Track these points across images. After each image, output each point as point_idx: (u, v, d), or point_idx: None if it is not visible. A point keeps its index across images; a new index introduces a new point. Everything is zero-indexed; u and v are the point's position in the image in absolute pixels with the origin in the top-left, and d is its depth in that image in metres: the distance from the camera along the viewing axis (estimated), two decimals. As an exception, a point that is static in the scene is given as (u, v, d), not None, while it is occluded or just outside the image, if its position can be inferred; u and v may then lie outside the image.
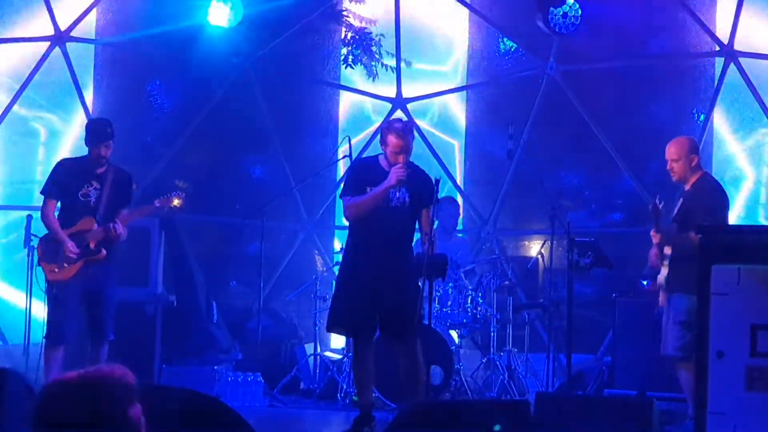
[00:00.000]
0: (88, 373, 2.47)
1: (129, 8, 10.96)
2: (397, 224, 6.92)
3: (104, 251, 7.55)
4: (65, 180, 7.71)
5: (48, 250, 7.63)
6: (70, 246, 7.51)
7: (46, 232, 7.77)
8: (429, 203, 6.97)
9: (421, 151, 10.39)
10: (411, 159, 7.06)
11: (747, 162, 11.19)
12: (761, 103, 10.40)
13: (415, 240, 7.23)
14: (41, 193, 7.83)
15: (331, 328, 7.46)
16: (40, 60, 10.91)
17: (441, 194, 7.70)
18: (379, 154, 7.11)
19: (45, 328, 7.66)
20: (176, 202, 8.26)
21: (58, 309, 7.57)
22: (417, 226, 7.08)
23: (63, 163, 7.95)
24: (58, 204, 7.75)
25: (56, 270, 7.55)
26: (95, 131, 7.68)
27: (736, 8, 10.38)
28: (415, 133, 7.50)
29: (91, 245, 7.54)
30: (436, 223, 7.41)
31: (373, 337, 7.05)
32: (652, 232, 7.18)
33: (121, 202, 7.73)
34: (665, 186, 9.13)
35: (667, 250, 7.24)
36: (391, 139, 6.92)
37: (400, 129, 6.97)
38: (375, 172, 6.98)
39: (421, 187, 6.92)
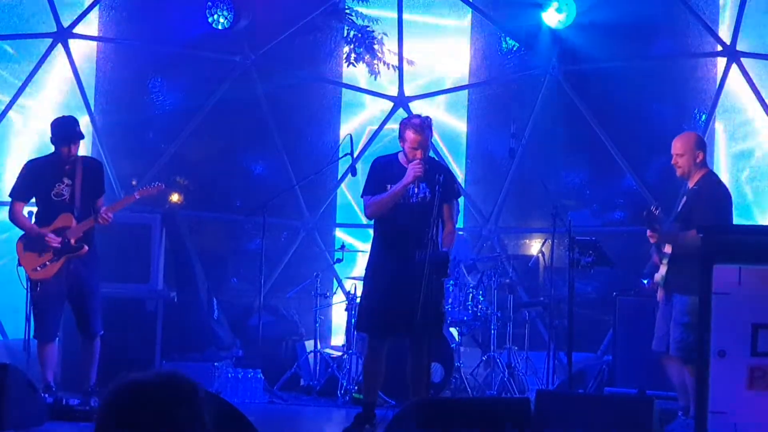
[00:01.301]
0: (168, 374, 2.45)
1: (131, 5, 10.96)
2: (419, 221, 6.76)
3: (86, 247, 7.52)
4: (35, 181, 7.61)
5: (29, 249, 7.55)
6: (51, 236, 7.45)
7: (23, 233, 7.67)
8: (450, 198, 6.96)
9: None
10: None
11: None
12: (763, 103, 10.38)
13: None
14: (9, 195, 7.71)
15: (361, 329, 7.45)
16: (43, 57, 10.91)
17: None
18: (399, 151, 7.08)
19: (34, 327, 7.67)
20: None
21: (44, 307, 7.55)
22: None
23: (30, 165, 7.81)
24: (32, 204, 7.69)
25: (38, 269, 7.51)
26: (64, 131, 7.52)
27: (739, 8, 10.36)
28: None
29: (72, 242, 7.50)
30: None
31: (392, 335, 6.99)
32: (648, 233, 7.17)
33: (95, 191, 7.65)
34: (666, 185, 9.14)
35: (667, 249, 7.23)
36: (409, 134, 6.89)
37: (418, 124, 6.93)
38: (394, 170, 6.96)
39: (442, 181, 6.77)
